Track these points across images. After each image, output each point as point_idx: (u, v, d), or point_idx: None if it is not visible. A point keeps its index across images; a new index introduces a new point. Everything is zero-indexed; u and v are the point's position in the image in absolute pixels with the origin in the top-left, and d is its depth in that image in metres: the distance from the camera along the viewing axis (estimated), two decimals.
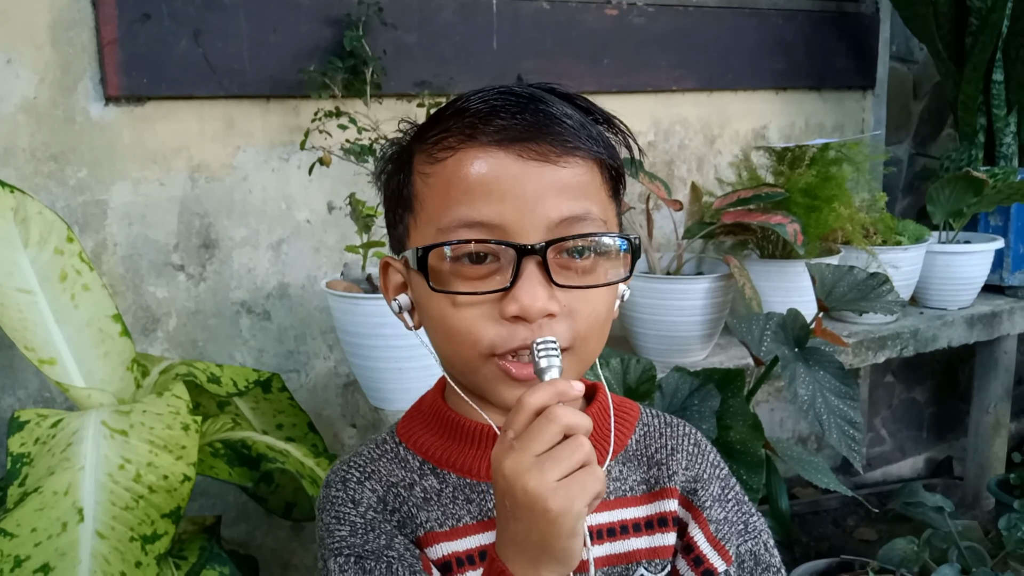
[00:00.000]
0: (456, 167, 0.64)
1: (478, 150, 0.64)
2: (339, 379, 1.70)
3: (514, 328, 0.63)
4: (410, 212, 0.68)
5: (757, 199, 1.60)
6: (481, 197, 0.63)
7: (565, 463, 0.55)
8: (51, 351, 1.23)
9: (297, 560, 1.73)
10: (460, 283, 0.64)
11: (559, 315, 0.63)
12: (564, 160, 0.64)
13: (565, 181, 0.64)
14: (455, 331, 0.65)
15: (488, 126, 0.63)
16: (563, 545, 0.56)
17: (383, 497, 0.71)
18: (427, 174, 0.66)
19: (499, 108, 0.64)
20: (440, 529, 0.70)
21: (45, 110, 1.40)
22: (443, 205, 0.65)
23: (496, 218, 0.62)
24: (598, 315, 0.66)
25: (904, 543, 1.81)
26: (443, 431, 0.73)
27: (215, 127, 1.52)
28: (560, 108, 0.65)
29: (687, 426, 0.80)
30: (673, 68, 1.97)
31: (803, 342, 1.38)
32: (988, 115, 2.18)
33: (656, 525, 0.75)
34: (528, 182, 0.63)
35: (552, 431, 0.56)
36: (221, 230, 1.56)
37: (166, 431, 1.13)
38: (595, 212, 0.65)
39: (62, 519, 1.04)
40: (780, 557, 0.79)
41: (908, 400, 2.72)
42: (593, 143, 0.66)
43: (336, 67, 1.47)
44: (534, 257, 0.62)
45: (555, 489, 0.54)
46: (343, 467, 0.73)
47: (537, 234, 0.63)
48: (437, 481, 0.71)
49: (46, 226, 1.25)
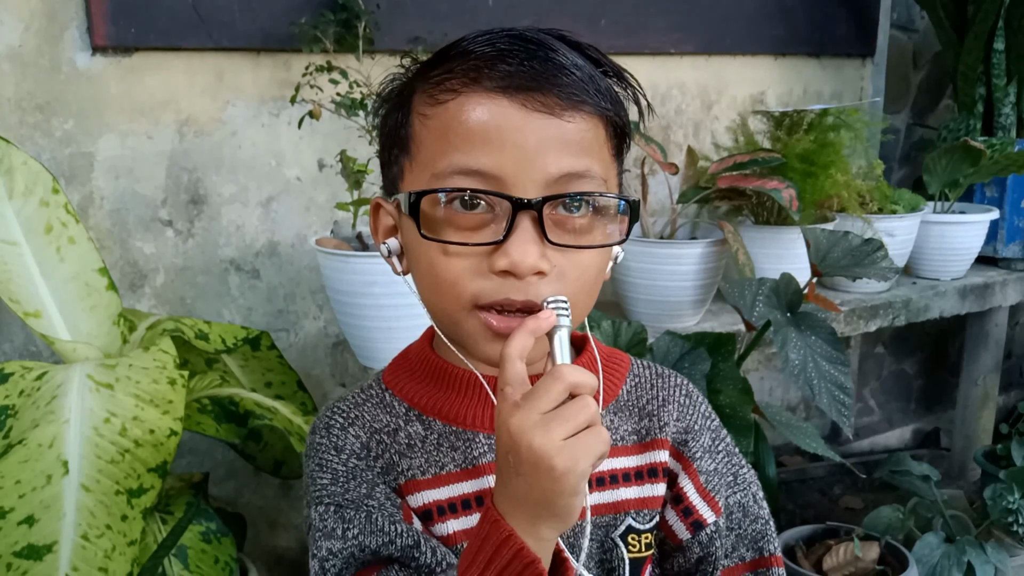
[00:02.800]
0: (457, 111, 0.62)
1: (481, 95, 0.61)
2: (328, 339, 1.69)
3: (502, 282, 0.61)
4: (406, 154, 0.66)
5: (753, 164, 1.59)
6: (480, 145, 0.61)
7: (571, 422, 0.55)
8: (36, 304, 1.22)
9: (285, 519, 1.74)
10: (452, 232, 0.62)
11: (549, 275, 0.62)
12: (569, 114, 0.62)
13: (568, 136, 0.62)
14: (442, 281, 0.63)
15: (493, 71, 0.61)
16: (565, 503, 0.56)
17: (366, 443, 0.70)
18: (426, 116, 0.64)
19: (506, 53, 0.61)
20: (422, 476, 0.69)
21: (30, 59, 1.37)
22: (440, 150, 0.62)
23: (494, 168, 0.60)
24: (588, 277, 0.65)
25: (889, 511, 1.82)
26: (430, 379, 0.72)
27: (204, 80, 1.50)
28: (570, 58, 0.63)
29: (679, 377, 0.80)
30: (672, 30, 1.94)
31: (795, 307, 1.37)
32: (988, 85, 2.17)
33: (646, 475, 0.74)
34: (530, 134, 0.61)
35: (557, 389, 0.55)
36: (210, 186, 1.54)
37: (152, 385, 1.12)
38: (596, 170, 0.63)
39: (46, 471, 1.04)
40: (768, 509, 0.79)
41: (897, 371, 2.73)
42: (601, 98, 0.63)
43: (328, 20, 1.44)
44: (529, 212, 0.60)
45: (560, 448, 0.54)
46: (327, 412, 0.73)
47: (535, 188, 0.61)
48: (422, 428, 0.71)
49: (31, 177, 1.23)
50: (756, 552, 0.78)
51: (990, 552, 1.69)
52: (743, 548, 0.78)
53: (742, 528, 0.78)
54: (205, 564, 1.18)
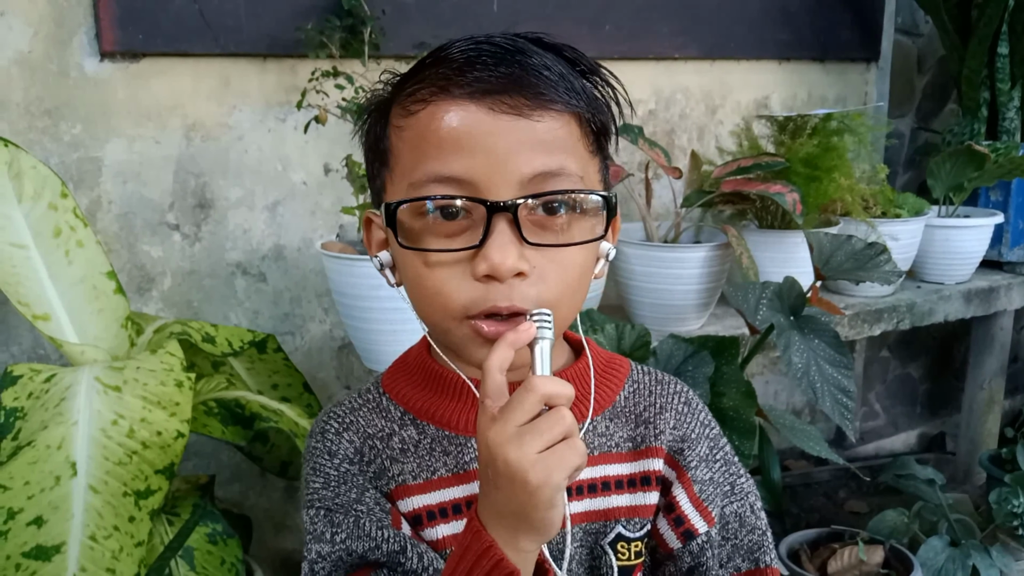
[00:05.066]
0: (428, 120, 0.62)
1: (450, 103, 0.61)
2: (334, 342, 1.70)
3: (487, 288, 0.61)
4: (385, 166, 0.67)
5: (757, 168, 1.59)
6: (452, 152, 0.61)
7: (546, 435, 0.55)
8: (45, 307, 1.23)
9: (290, 521, 1.74)
10: (432, 241, 0.62)
11: (530, 276, 0.62)
12: (538, 114, 0.61)
13: (539, 136, 0.61)
14: (428, 291, 0.63)
15: (462, 78, 0.61)
16: (541, 516, 0.56)
17: (359, 448, 0.71)
18: (400, 127, 0.65)
19: (475, 60, 0.61)
20: (414, 481, 0.69)
21: (39, 64, 1.38)
22: (414, 160, 0.63)
23: (467, 173, 0.60)
24: (571, 277, 0.64)
25: (894, 514, 1.82)
26: (426, 383, 0.72)
27: (211, 85, 1.51)
28: (540, 59, 0.62)
29: (678, 384, 0.79)
30: (675, 35, 1.95)
31: (799, 310, 1.37)
32: (992, 89, 2.17)
33: (639, 483, 0.74)
34: (500, 137, 0.60)
35: (531, 400, 0.55)
36: (216, 190, 1.55)
37: (160, 387, 1.13)
38: (571, 167, 0.63)
39: (55, 473, 1.05)
40: (767, 520, 0.79)
41: (902, 376, 2.73)
42: (572, 96, 0.63)
43: (334, 26, 1.45)
44: (505, 214, 0.60)
45: (534, 462, 0.54)
46: (324, 417, 0.73)
47: (509, 190, 0.60)
48: (416, 432, 0.71)
49: (40, 181, 1.25)
50: (752, 563, 0.77)
51: (995, 556, 1.68)
52: (739, 559, 0.77)
53: (738, 538, 0.77)
54: (211, 565, 1.19)
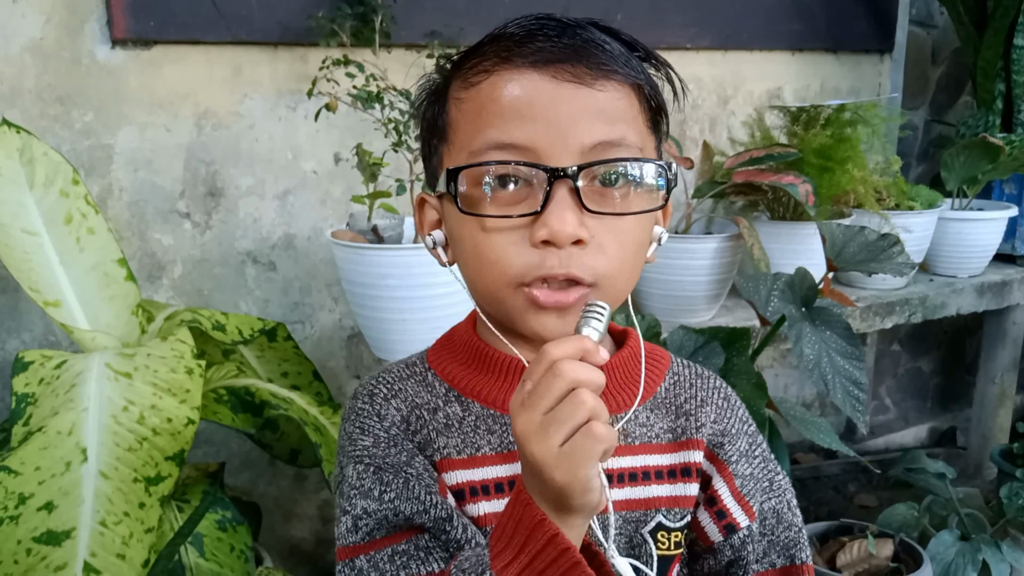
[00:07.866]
0: (490, 90, 0.63)
1: (512, 72, 0.62)
2: (343, 331, 1.70)
3: (543, 254, 0.62)
4: (444, 141, 0.67)
5: (769, 159, 1.58)
6: (513, 119, 0.62)
7: (567, 424, 0.53)
8: (56, 293, 1.23)
9: (300, 509, 1.75)
10: (491, 209, 0.63)
11: (589, 245, 0.62)
12: (600, 83, 0.62)
13: (601, 105, 0.62)
14: (485, 258, 0.64)
15: (525, 48, 0.62)
16: (578, 502, 0.55)
17: (407, 417, 0.70)
18: (461, 99, 0.66)
19: (536, 32, 0.62)
20: (457, 456, 0.69)
21: (51, 51, 1.38)
22: (475, 129, 0.64)
23: (528, 141, 0.61)
24: (627, 250, 0.65)
25: (904, 508, 1.81)
26: (471, 361, 0.72)
27: (222, 73, 1.51)
28: (600, 35, 0.64)
29: (717, 379, 0.79)
30: (688, 25, 1.93)
31: (811, 302, 1.36)
32: (1007, 81, 2.15)
33: (679, 475, 0.74)
34: (562, 105, 0.61)
35: (558, 386, 0.54)
36: (227, 178, 1.55)
37: (170, 374, 1.13)
38: (631, 139, 0.64)
39: (65, 458, 1.05)
40: (802, 517, 0.79)
41: (914, 370, 2.71)
42: (632, 70, 0.64)
43: (345, 14, 1.45)
44: (565, 181, 0.61)
45: (557, 458, 0.53)
46: (372, 381, 0.73)
47: (570, 158, 0.61)
48: (461, 409, 0.71)
49: (52, 168, 1.25)
50: (788, 559, 0.77)
51: (1005, 551, 1.67)
52: (774, 555, 0.77)
53: (775, 534, 0.77)
54: (221, 552, 1.19)
